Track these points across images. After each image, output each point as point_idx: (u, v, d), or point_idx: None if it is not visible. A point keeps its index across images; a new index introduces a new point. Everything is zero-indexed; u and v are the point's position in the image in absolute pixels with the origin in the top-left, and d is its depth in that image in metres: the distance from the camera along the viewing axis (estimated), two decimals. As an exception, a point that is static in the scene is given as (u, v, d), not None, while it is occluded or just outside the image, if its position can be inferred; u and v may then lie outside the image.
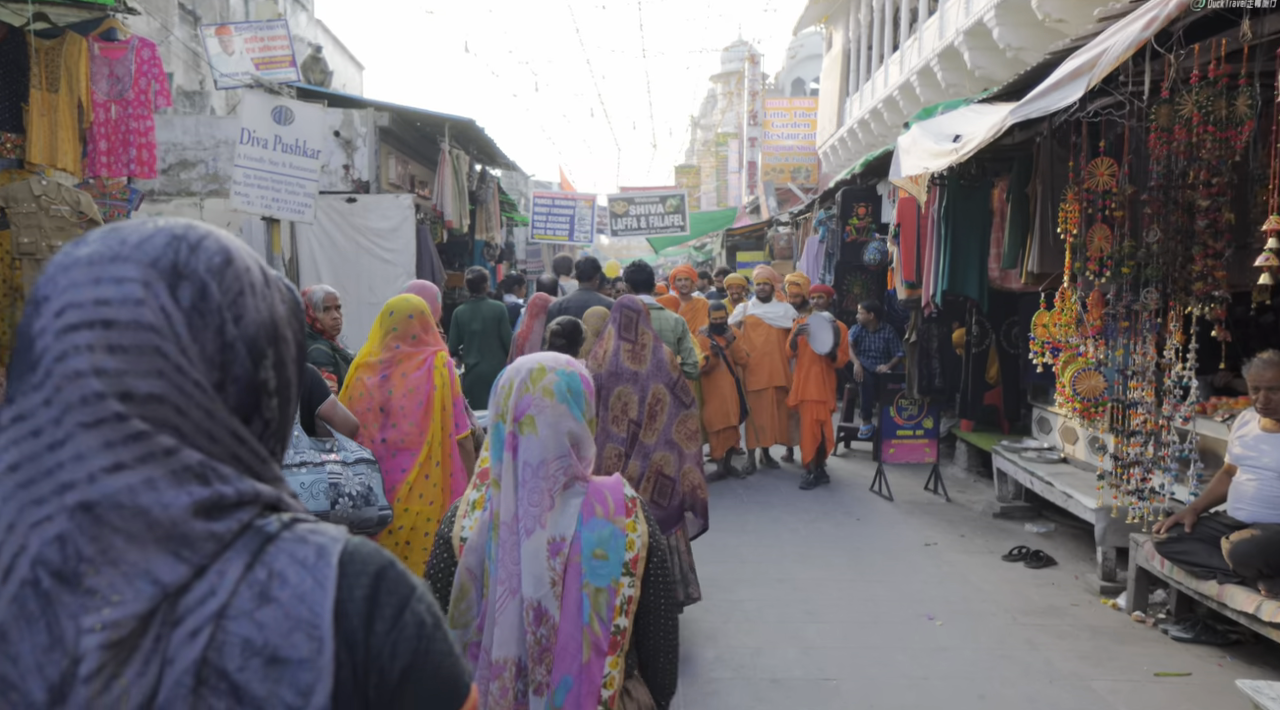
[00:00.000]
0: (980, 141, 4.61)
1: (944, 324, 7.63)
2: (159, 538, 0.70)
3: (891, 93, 13.08)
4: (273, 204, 7.92)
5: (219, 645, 0.70)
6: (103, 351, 0.71)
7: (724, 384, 7.96)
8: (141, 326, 0.73)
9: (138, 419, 0.71)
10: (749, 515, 7.12)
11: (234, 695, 0.69)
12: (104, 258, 0.75)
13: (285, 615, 0.72)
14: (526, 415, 1.68)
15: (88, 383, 0.71)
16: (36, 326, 0.73)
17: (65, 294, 0.73)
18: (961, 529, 6.79)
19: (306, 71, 10.78)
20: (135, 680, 0.67)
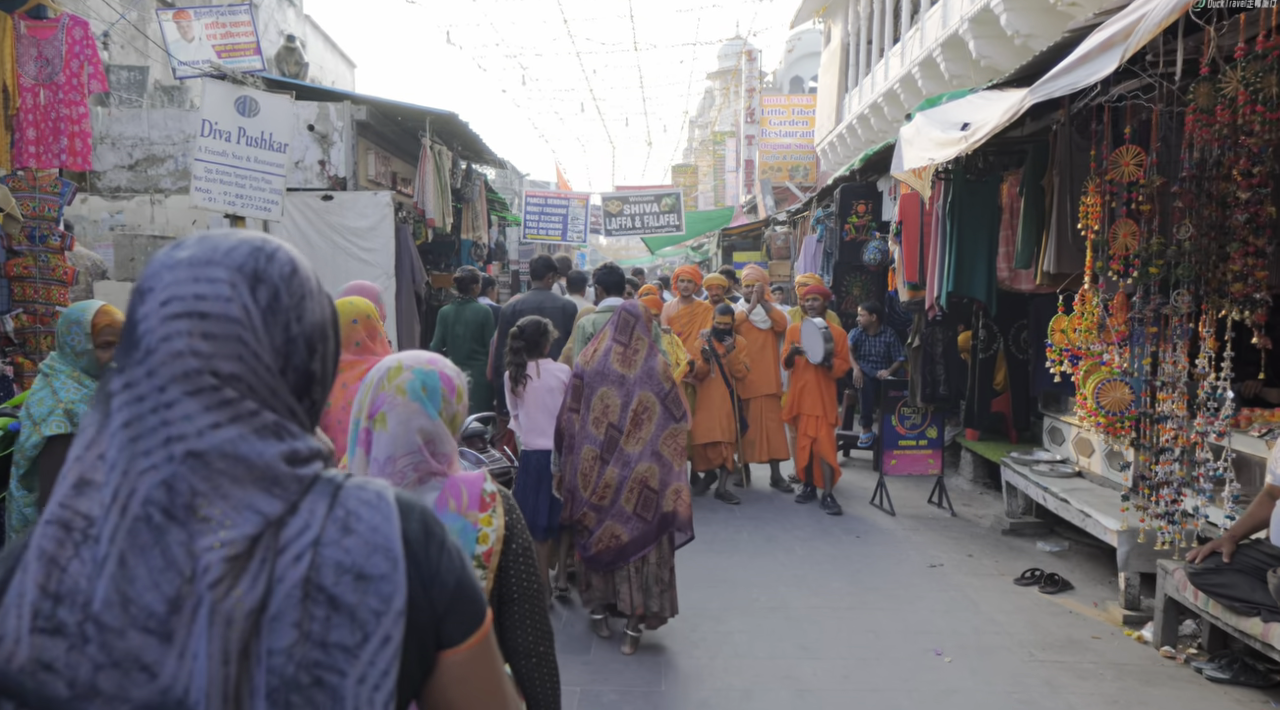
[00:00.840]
0: (994, 127, 4.16)
1: (949, 327, 7.17)
2: (256, 478, 0.90)
3: (892, 86, 12.62)
4: (236, 200, 7.47)
5: (317, 566, 0.90)
6: (198, 337, 0.90)
7: (716, 395, 7.38)
8: (229, 319, 0.92)
9: (228, 389, 0.91)
10: (740, 532, 6.66)
11: (331, 604, 0.89)
12: (200, 261, 0.93)
13: (365, 542, 0.92)
14: (379, 413, 1.73)
15: (187, 361, 0.89)
16: (141, 312, 0.91)
17: (169, 288, 0.91)
18: (969, 547, 6.33)
19: (281, 62, 10.33)
20: (248, 591, 0.86)
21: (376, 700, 0.89)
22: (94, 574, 0.85)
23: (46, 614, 0.84)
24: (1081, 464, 6.29)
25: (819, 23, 17.92)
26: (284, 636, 0.87)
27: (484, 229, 13.86)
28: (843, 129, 15.77)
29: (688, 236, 21.08)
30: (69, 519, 0.87)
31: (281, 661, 0.87)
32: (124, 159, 9.73)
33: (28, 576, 0.86)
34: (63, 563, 0.85)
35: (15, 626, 0.84)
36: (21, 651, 0.83)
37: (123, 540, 0.85)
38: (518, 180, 27.80)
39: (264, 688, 0.86)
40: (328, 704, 0.88)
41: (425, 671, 0.99)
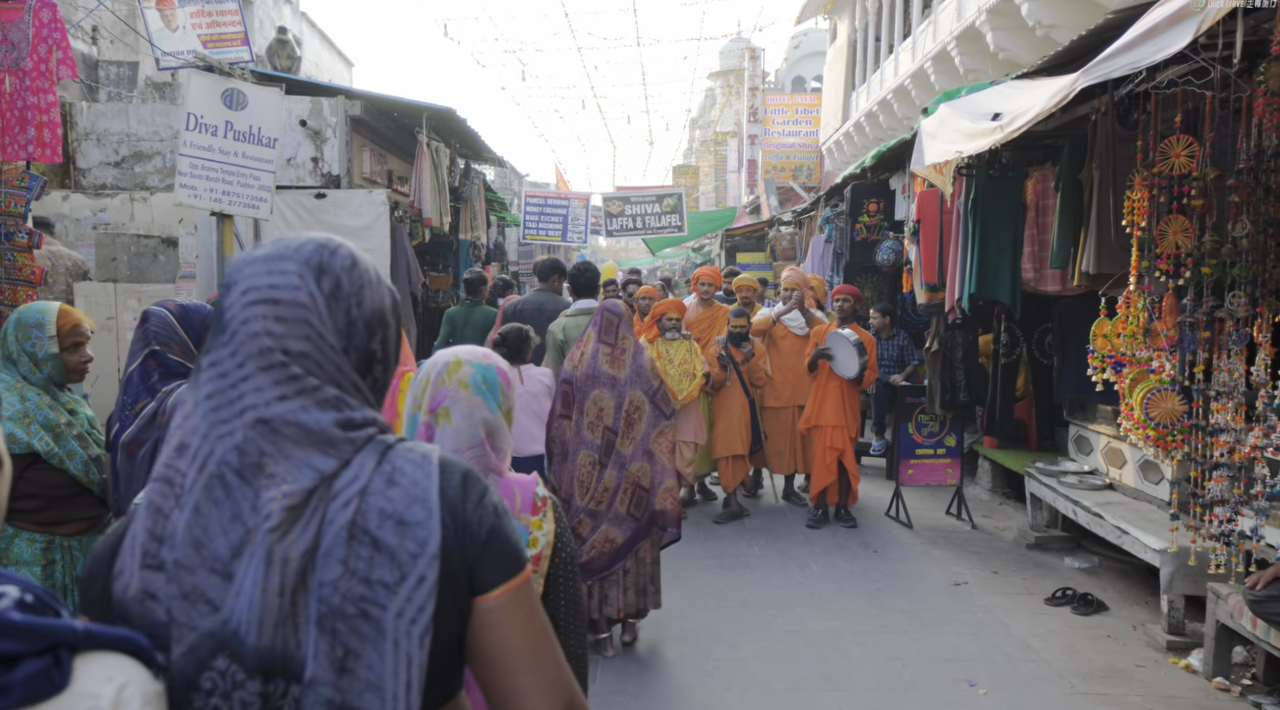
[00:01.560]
0: (1038, 112, 3.82)
1: (969, 331, 6.84)
2: (314, 442, 1.04)
3: (903, 82, 12.28)
4: (223, 197, 7.14)
5: (363, 512, 1.03)
6: (272, 320, 1.05)
7: (735, 405, 6.89)
8: (297, 305, 1.07)
9: (295, 366, 1.05)
10: (753, 547, 6.33)
11: (374, 545, 1.02)
12: (274, 256, 1.09)
13: (406, 494, 1.06)
14: (442, 407, 1.75)
15: (262, 340, 1.05)
16: (226, 302, 1.08)
17: (247, 280, 1.08)
18: (993, 564, 6.00)
19: (272, 56, 10.00)
20: (300, 534, 1.01)
21: (413, 633, 1.01)
22: (179, 520, 1.01)
23: (152, 553, 1.01)
24: (1112, 476, 5.95)
25: (825, 19, 17.59)
26: (332, 571, 1.00)
27: (482, 229, 13.53)
28: (849, 127, 15.44)
29: (689, 237, 20.77)
30: (171, 476, 1.04)
31: (329, 592, 1.00)
32: (109, 155, 9.39)
33: (139, 523, 1.04)
34: (165, 511, 1.02)
35: (130, 563, 1.02)
36: (134, 583, 1.01)
37: (199, 494, 1.01)
38: (517, 180, 27.47)
39: (314, 615, 0.99)
40: (370, 633, 1.00)
41: (463, 617, 1.08)
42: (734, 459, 6.88)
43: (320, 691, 0.99)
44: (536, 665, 1.09)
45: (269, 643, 0.98)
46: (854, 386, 6.73)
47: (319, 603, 1.00)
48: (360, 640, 1.00)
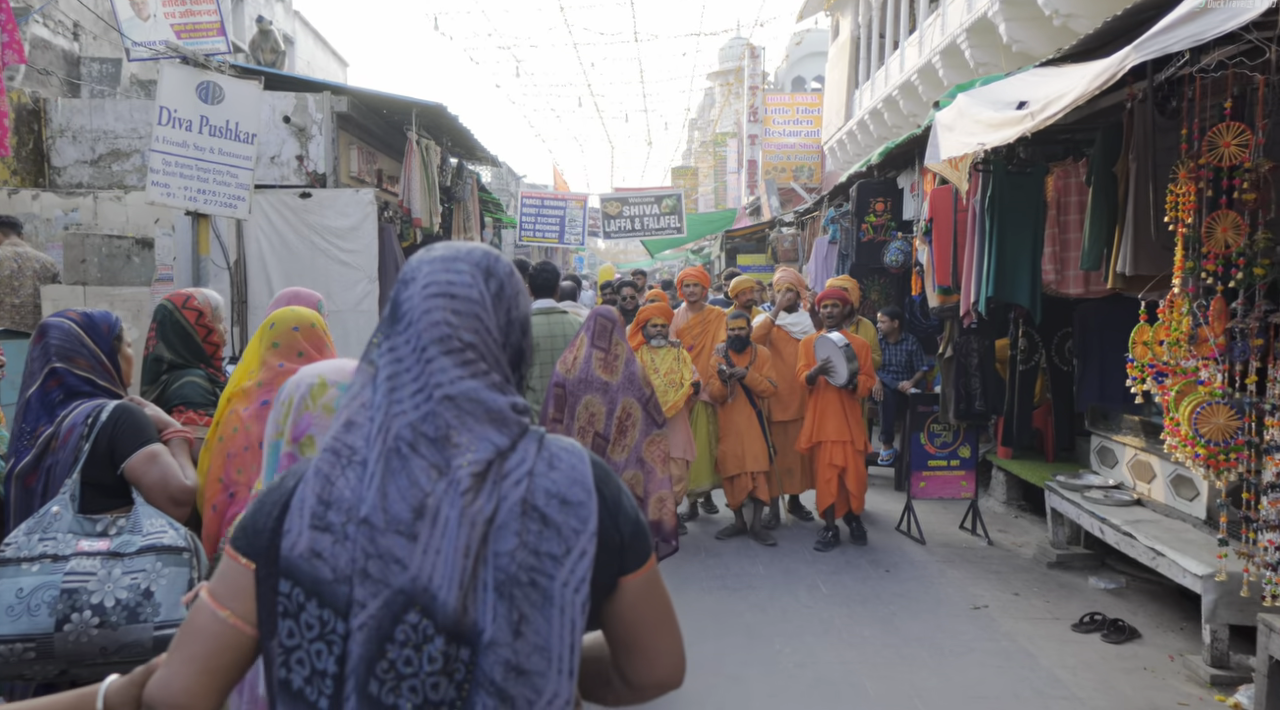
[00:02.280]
0: (1078, 95, 3.46)
1: (985, 336, 6.48)
2: (492, 419, 1.17)
3: (909, 78, 11.91)
4: (199, 196, 6.78)
5: (532, 491, 1.16)
6: (450, 312, 1.19)
7: (741, 418, 6.37)
8: (470, 300, 1.21)
9: (470, 353, 1.19)
10: (757, 565, 5.96)
11: (543, 521, 1.15)
12: (449, 257, 1.24)
13: (566, 477, 1.18)
14: (306, 436, 1.63)
15: (442, 328, 1.18)
16: (404, 295, 1.22)
17: (427, 276, 1.22)
18: (1013, 584, 5.63)
19: (255, 49, 9.64)
20: (485, 502, 1.13)
21: (576, 601, 1.14)
22: (360, 487, 1.14)
23: (320, 516, 1.14)
24: (1140, 490, 5.59)
25: (826, 15, 17.23)
26: (508, 542, 1.14)
27: (476, 230, 13.14)
28: (853, 126, 15.08)
29: (689, 239, 20.43)
30: (339, 448, 1.17)
31: (506, 561, 1.13)
32: (85, 153, 9.04)
33: (308, 487, 1.17)
34: (334, 480, 1.16)
35: (298, 524, 1.15)
36: (302, 542, 1.14)
37: (381, 464, 1.14)
38: (514, 182, 27.13)
39: (492, 581, 1.12)
40: (539, 600, 1.13)
41: (606, 594, 1.21)
42: (741, 478, 6.39)
43: (499, 652, 1.10)
44: (666, 632, 1.26)
45: (456, 602, 1.09)
46: (852, 395, 6.27)
47: (496, 571, 1.12)
48: (531, 606, 1.12)
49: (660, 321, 6.00)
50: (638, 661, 1.25)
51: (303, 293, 3.70)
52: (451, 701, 1.10)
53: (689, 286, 6.84)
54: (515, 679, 1.10)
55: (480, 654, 1.10)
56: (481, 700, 1.09)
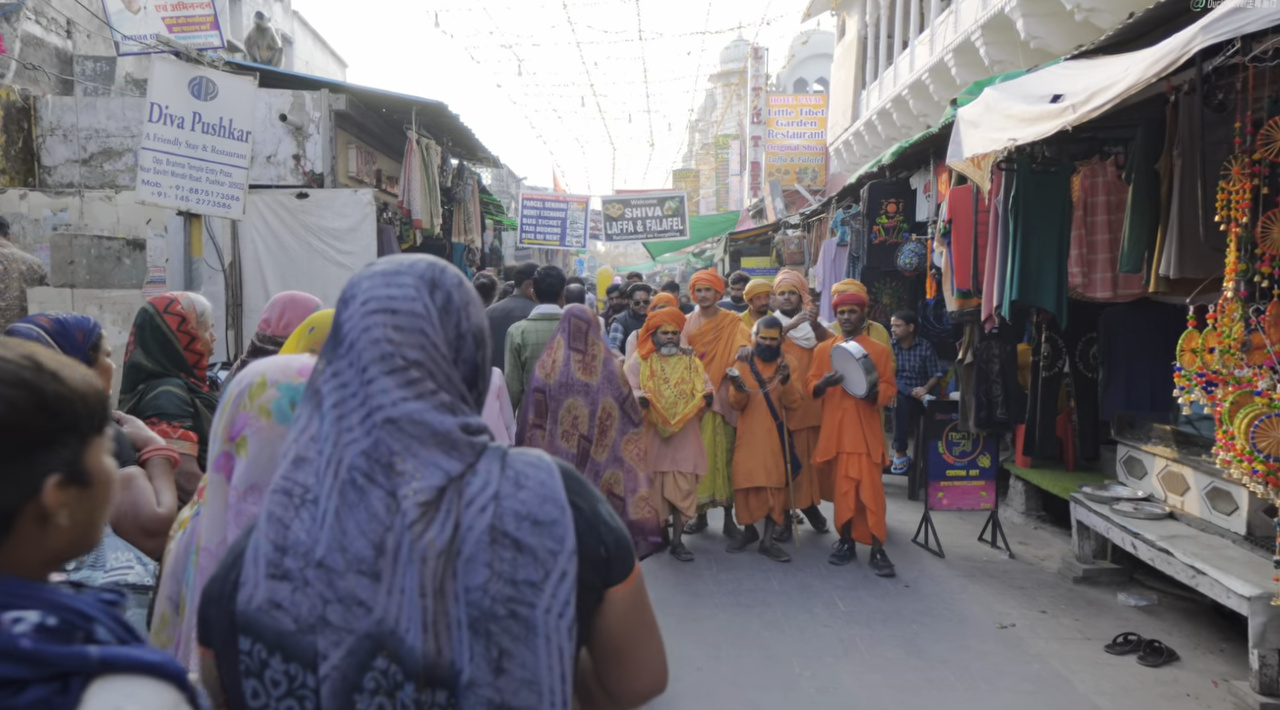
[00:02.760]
0: (1131, 84, 3.22)
1: (1006, 342, 6.24)
2: (439, 443, 1.08)
3: (919, 77, 11.67)
4: (190, 196, 6.56)
5: (500, 515, 1.07)
6: (391, 328, 1.10)
7: (759, 429, 5.95)
8: (414, 315, 1.12)
9: (414, 371, 1.10)
10: (770, 580, 5.72)
11: (515, 546, 1.07)
12: (390, 271, 1.15)
13: (535, 494, 1.10)
14: (241, 436, 1.51)
15: (383, 346, 1.09)
16: (345, 315, 1.13)
17: (366, 292, 1.13)
18: (1039, 601, 5.39)
19: (252, 46, 9.41)
20: (437, 534, 1.04)
21: (561, 627, 1.07)
22: (314, 528, 1.05)
23: (276, 563, 1.05)
24: (1172, 503, 5.35)
25: (832, 15, 17.01)
26: (478, 575, 1.05)
27: (477, 232, 12.92)
28: (860, 127, 14.85)
29: (691, 241, 20.20)
30: (290, 488, 1.08)
31: (479, 596, 1.05)
32: (77, 152, 8.81)
33: (261, 534, 1.08)
34: (287, 522, 1.06)
35: (254, 574, 1.06)
36: (259, 594, 1.05)
37: (335, 499, 1.05)
38: (514, 184, 26.91)
39: (465, 619, 1.04)
40: (522, 632, 1.05)
41: (593, 609, 1.14)
42: (755, 492, 6.05)
43: (480, 693, 1.04)
44: (650, 640, 1.21)
45: (428, 644, 1.03)
46: (871, 405, 5.92)
47: (469, 607, 1.05)
48: (513, 640, 1.05)
49: (672, 328, 5.73)
50: (620, 672, 1.20)
51: (299, 297, 3.46)
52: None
53: (702, 291, 6.49)
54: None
55: (460, 696, 1.03)
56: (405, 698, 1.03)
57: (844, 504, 5.94)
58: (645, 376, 5.73)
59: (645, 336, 5.85)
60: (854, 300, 6.17)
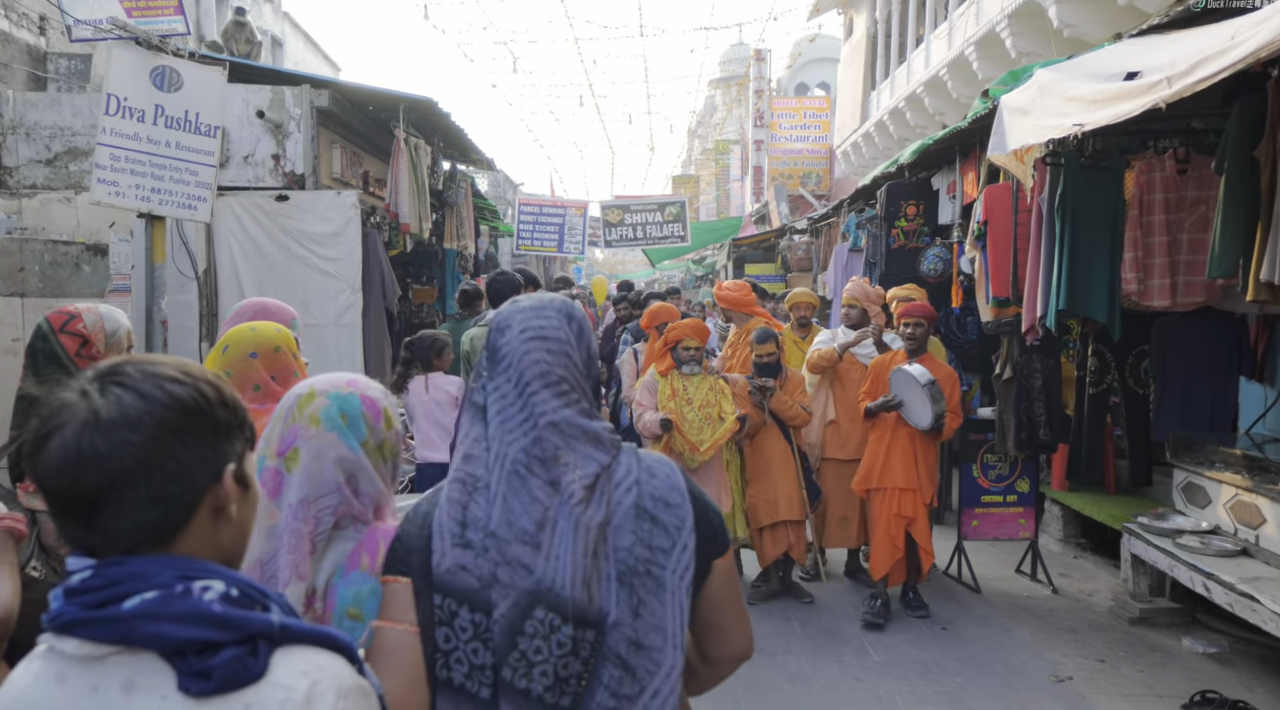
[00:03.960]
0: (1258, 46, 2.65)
1: (1049, 355, 5.67)
2: (590, 440, 1.38)
3: (936, 73, 11.10)
4: (152, 196, 5.98)
5: (640, 496, 1.37)
6: (545, 352, 1.40)
7: (774, 455, 5.36)
8: (560, 340, 1.42)
9: (564, 385, 1.39)
10: (792, 622, 5.14)
11: (652, 520, 1.36)
12: (537, 306, 1.46)
13: (664, 483, 1.40)
14: (292, 449, 1.53)
15: (540, 366, 1.39)
16: (502, 340, 1.42)
17: (521, 323, 1.43)
18: (1094, 646, 4.81)
19: (229, 40, 8.85)
20: (596, 510, 1.34)
21: (682, 585, 1.36)
22: (488, 507, 1.34)
23: (459, 536, 1.34)
24: (1244, 537, 4.77)
25: (839, 14, 16.50)
26: (625, 539, 1.34)
27: (470, 238, 12.33)
28: (869, 128, 14.30)
29: (693, 248, 19.65)
30: (465, 478, 1.37)
31: (625, 556, 1.34)
32: (40, 152, 8.22)
33: (444, 514, 1.36)
34: (465, 504, 1.35)
35: (441, 545, 1.34)
36: (448, 560, 1.33)
37: (503, 485, 1.34)
38: (510, 189, 26.35)
39: (615, 573, 1.33)
40: (654, 587, 1.34)
41: (702, 578, 1.41)
42: (775, 528, 5.36)
43: (622, 631, 1.32)
44: (740, 610, 1.49)
45: (580, 595, 1.30)
46: (928, 438, 5.16)
47: (618, 563, 1.34)
48: (648, 592, 1.34)
49: (695, 344, 5.11)
50: (717, 637, 1.47)
51: (271, 305, 2.90)
52: (579, 675, 1.31)
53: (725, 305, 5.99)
54: (636, 652, 1.33)
55: (606, 634, 1.32)
56: (608, 671, 1.31)
57: (886, 549, 5.10)
58: (665, 396, 5.09)
59: (663, 351, 5.19)
60: (922, 312, 5.35)
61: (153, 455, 0.94)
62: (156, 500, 0.94)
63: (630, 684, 1.32)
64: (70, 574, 0.93)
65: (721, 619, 1.44)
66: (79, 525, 0.95)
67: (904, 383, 5.07)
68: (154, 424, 0.94)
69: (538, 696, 1.29)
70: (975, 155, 7.00)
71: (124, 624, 0.89)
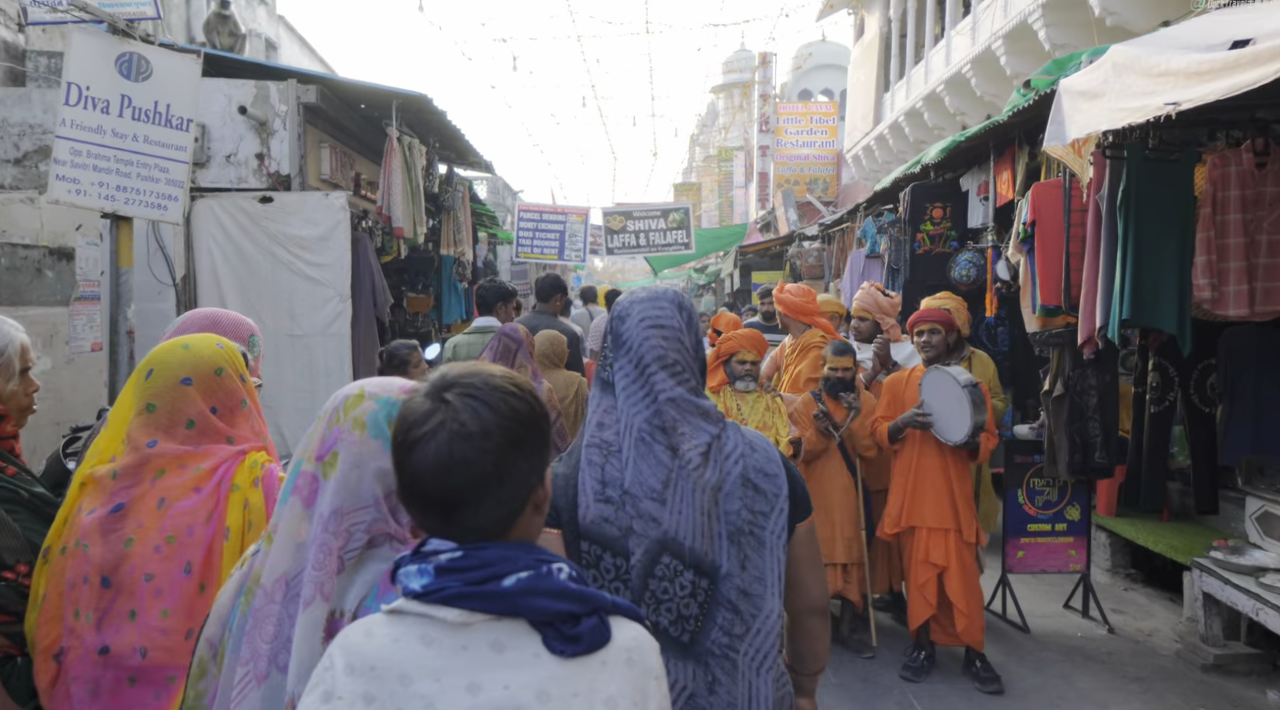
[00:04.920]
0: None
1: (1105, 370, 5.13)
2: (702, 414, 1.65)
3: (958, 71, 10.56)
4: (117, 194, 5.47)
5: (745, 468, 1.64)
6: (660, 338, 1.67)
7: (836, 487, 4.72)
8: (673, 328, 1.70)
9: (677, 367, 1.66)
10: (826, 670, 4.58)
11: (754, 488, 1.64)
12: (653, 297, 1.74)
13: (764, 456, 1.68)
14: (331, 453, 1.37)
15: (657, 350, 1.66)
16: (624, 327, 1.71)
17: (640, 311, 1.71)
18: (1168, 700, 4.26)
19: (211, 32, 8.35)
20: (710, 474, 1.61)
21: (779, 543, 1.65)
22: (621, 468, 1.62)
23: (600, 492, 1.62)
24: (1337, 576, 4.23)
25: (850, 14, 16.02)
26: (734, 504, 1.62)
27: (468, 244, 11.85)
28: (883, 130, 13.79)
29: (698, 255, 19.17)
30: (600, 443, 1.66)
31: (734, 518, 1.61)
32: (9, 151, 7.71)
33: (586, 474, 1.64)
34: (603, 465, 1.63)
35: (585, 500, 1.62)
36: (591, 512, 1.61)
37: (633, 450, 1.62)
38: (510, 197, 25.86)
39: (725, 532, 1.61)
40: (756, 545, 1.62)
41: (790, 537, 1.68)
42: (836, 568, 4.70)
43: (732, 581, 1.60)
44: (819, 566, 1.78)
45: (700, 545, 1.59)
46: (963, 460, 4.49)
47: (728, 524, 1.61)
48: (751, 549, 1.62)
49: (751, 357, 4.44)
50: (797, 591, 1.74)
51: (224, 318, 2.37)
52: (696, 616, 1.60)
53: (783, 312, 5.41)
54: (743, 599, 1.60)
55: (719, 583, 1.59)
56: (721, 614, 1.59)
57: (920, 598, 4.46)
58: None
59: (716, 365, 4.53)
60: (936, 317, 4.66)
61: (503, 463, 1.12)
62: (504, 501, 1.14)
63: (739, 625, 1.61)
64: (430, 552, 1.11)
65: (803, 573, 1.74)
66: (439, 519, 1.14)
67: (937, 388, 4.42)
68: (503, 435, 1.13)
69: (664, 630, 1.58)
70: (1011, 153, 6.49)
71: (508, 599, 1.08)
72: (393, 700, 1.04)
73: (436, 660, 1.05)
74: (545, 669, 1.06)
